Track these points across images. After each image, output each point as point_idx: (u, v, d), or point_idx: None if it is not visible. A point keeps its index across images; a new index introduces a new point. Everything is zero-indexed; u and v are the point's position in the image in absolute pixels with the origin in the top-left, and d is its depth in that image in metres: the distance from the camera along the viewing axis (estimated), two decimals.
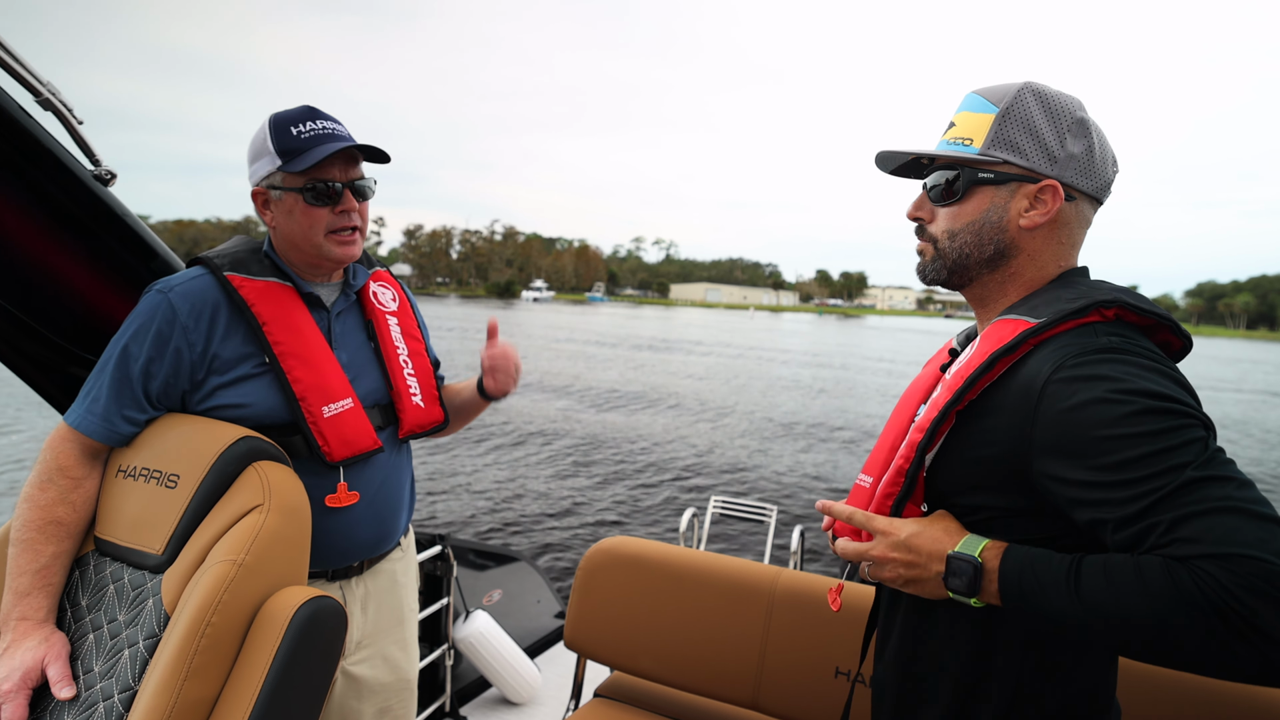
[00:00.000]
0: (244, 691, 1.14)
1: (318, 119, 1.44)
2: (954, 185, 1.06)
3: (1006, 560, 0.91)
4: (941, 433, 1.01)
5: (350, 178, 1.47)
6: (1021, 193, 1.02)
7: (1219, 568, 0.75)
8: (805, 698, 1.95)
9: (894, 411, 1.24)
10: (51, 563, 1.28)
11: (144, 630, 1.22)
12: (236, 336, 1.42)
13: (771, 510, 3.82)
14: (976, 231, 1.05)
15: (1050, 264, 1.06)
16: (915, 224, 1.14)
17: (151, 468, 1.33)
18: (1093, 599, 0.83)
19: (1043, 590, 0.87)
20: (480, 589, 3.31)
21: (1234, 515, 0.77)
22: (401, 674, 1.70)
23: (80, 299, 1.55)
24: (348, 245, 1.48)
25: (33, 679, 1.20)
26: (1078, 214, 1.05)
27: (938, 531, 0.99)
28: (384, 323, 1.64)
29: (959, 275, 1.09)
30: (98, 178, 1.46)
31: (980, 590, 0.93)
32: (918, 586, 1.01)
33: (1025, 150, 1.01)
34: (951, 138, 1.08)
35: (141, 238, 1.56)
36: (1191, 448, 0.81)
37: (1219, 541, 0.76)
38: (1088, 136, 1.02)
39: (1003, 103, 1.02)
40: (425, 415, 1.65)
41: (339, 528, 1.51)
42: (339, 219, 1.46)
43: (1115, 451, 0.83)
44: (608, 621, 2.17)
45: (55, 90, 1.38)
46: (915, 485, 1.04)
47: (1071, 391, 0.88)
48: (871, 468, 1.17)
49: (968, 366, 1.00)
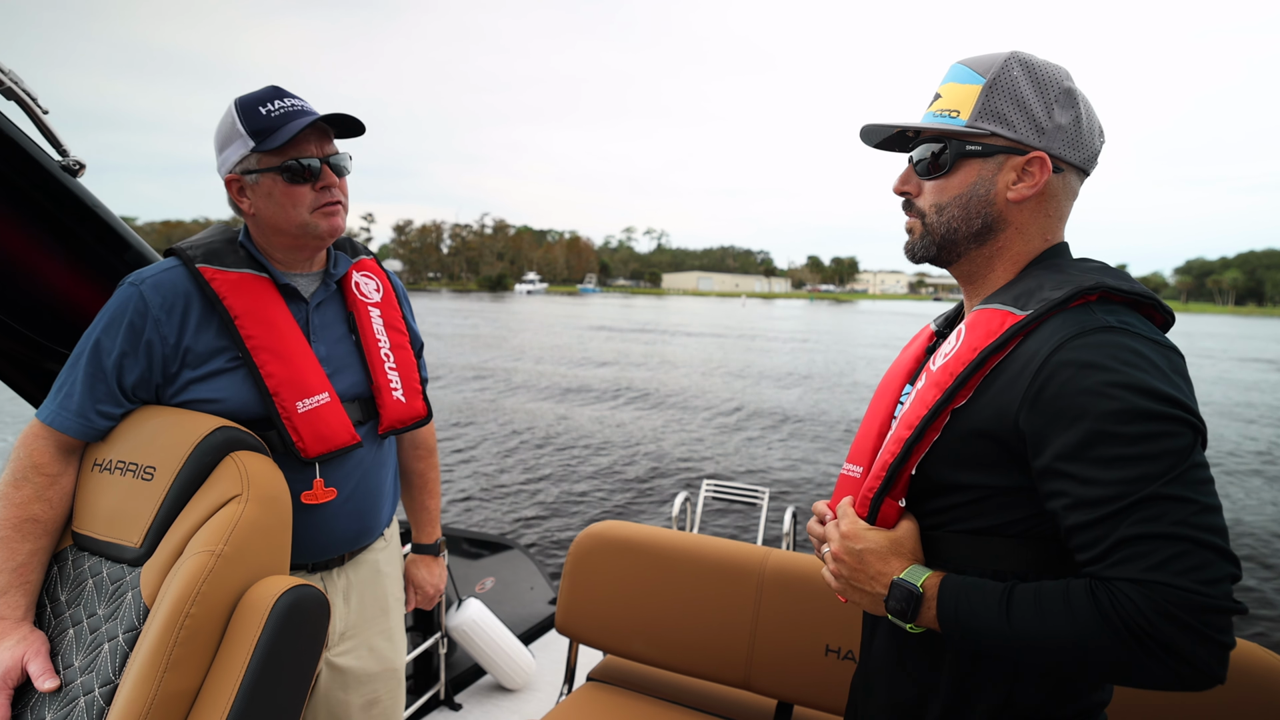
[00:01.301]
0: (225, 682, 1.14)
1: (284, 97, 1.41)
2: (940, 158, 1.04)
3: (944, 588, 0.94)
4: (932, 432, 0.99)
5: (326, 153, 1.43)
6: (1009, 165, 1.00)
7: (1139, 593, 0.79)
8: (796, 676, 1.95)
9: (874, 398, 1.22)
10: (28, 560, 1.27)
11: (124, 624, 1.21)
12: (209, 330, 1.39)
13: (764, 493, 3.83)
14: (964, 205, 1.03)
15: (1037, 237, 1.04)
16: (902, 199, 1.11)
17: (128, 460, 1.32)
18: (1022, 624, 0.86)
19: (975, 615, 0.90)
20: (473, 577, 3.31)
21: (1177, 543, 0.79)
22: (388, 664, 1.69)
23: (51, 292, 1.53)
24: (333, 216, 1.45)
25: (13, 678, 1.18)
26: (1065, 186, 1.03)
27: (889, 554, 1.01)
28: (365, 314, 1.60)
29: (947, 251, 1.07)
30: (66, 168, 1.43)
31: (918, 616, 0.96)
32: (855, 595, 1.04)
33: (1013, 121, 0.99)
34: (938, 110, 1.05)
35: (113, 229, 1.54)
36: (1167, 459, 0.82)
37: (1150, 569, 0.79)
38: (1075, 107, 1.00)
39: (989, 73, 1.00)
40: (406, 410, 1.62)
41: (316, 524, 1.49)
42: (321, 195, 1.42)
43: (1096, 445, 0.84)
44: (599, 606, 2.18)
45: (18, 79, 1.34)
46: (896, 482, 1.02)
47: (1068, 375, 0.87)
48: (858, 457, 1.16)
49: (956, 362, 0.98)
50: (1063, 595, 0.85)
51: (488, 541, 3.63)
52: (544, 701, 3.00)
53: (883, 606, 1.00)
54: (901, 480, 1.02)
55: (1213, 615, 0.78)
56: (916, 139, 1.10)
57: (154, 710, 1.09)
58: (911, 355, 1.21)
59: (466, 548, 3.49)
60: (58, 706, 1.18)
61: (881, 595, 1.00)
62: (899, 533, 1.02)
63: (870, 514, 1.04)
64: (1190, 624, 0.77)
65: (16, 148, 1.35)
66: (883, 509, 1.03)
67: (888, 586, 0.99)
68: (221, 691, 1.13)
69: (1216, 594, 0.78)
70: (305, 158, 1.39)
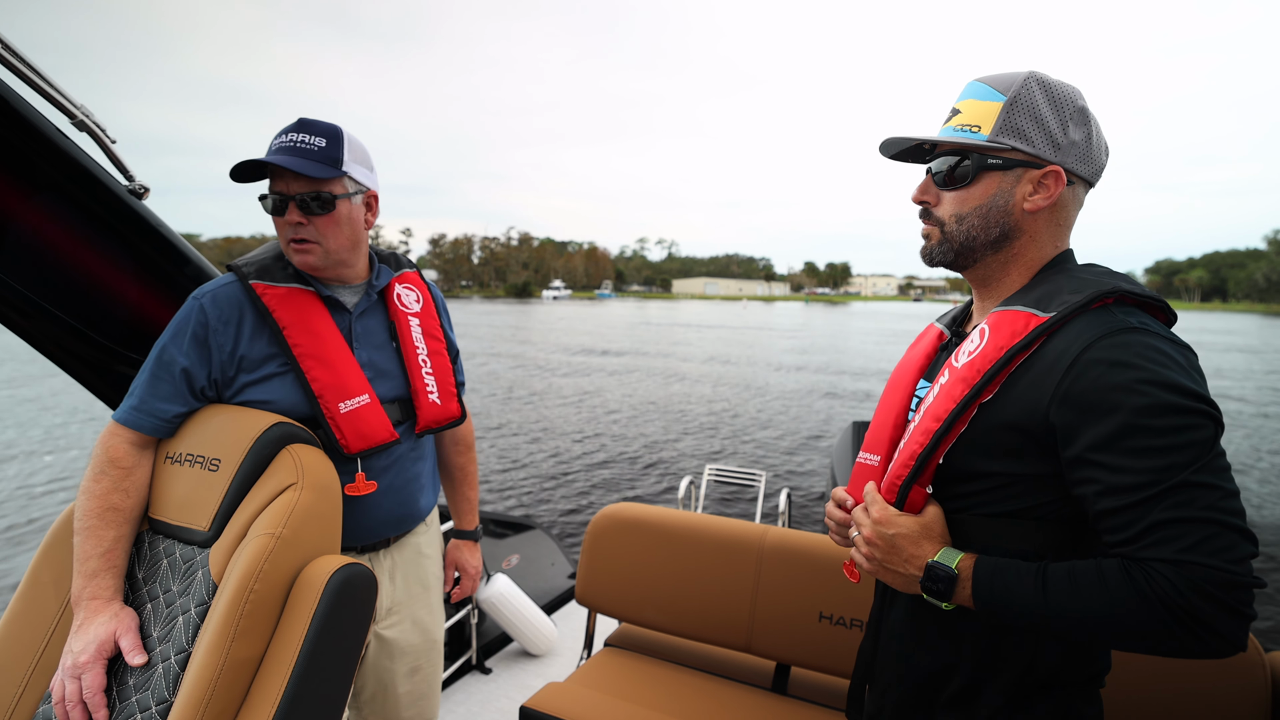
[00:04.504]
0: (286, 650, 1.16)
1: (299, 131, 1.39)
2: (960, 170, 1.02)
3: (979, 569, 0.93)
4: (960, 424, 0.97)
5: (295, 191, 1.38)
6: (1026, 178, 0.99)
7: (1175, 572, 0.79)
8: (793, 639, 1.97)
9: (886, 392, 1.20)
10: (114, 546, 1.29)
11: (195, 599, 1.23)
12: (261, 339, 1.42)
13: (761, 475, 3.83)
14: (984, 215, 1.01)
15: (1049, 244, 1.03)
16: (920, 207, 1.09)
17: (195, 453, 1.34)
18: (1059, 600, 0.86)
19: (1011, 592, 0.89)
20: (500, 554, 3.33)
21: (1207, 526, 0.79)
22: (429, 635, 1.71)
23: (121, 303, 1.55)
24: (301, 254, 1.42)
25: (107, 650, 1.20)
26: (1074, 197, 1.02)
27: (920, 538, 0.99)
28: (406, 323, 1.61)
29: (965, 257, 1.05)
30: (132, 192, 1.45)
31: (953, 595, 0.95)
32: (889, 576, 1.03)
33: (1032, 137, 0.98)
34: (958, 124, 1.03)
35: (175, 246, 1.56)
36: (1193, 449, 0.81)
37: (1184, 550, 0.79)
38: (1087, 124, 0.99)
39: (1010, 91, 0.98)
40: (442, 411, 1.63)
41: (360, 512, 1.51)
42: (290, 230, 1.41)
43: (1128, 437, 0.83)
44: (614, 579, 2.20)
45: (89, 112, 1.36)
46: (924, 470, 1.01)
47: (1099, 373, 0.86)
48: (876, 446, 1.14)
49: (983, 360, 0.96)
50: (1097, 574, 0.84)
51: (513, 522, 3.65)
52: (565, 665, 3.02)
53: (917, 586, 0.98)
54: (929, 468, 1.01)
55: (1240, 591, 0.78)
56: (933, 152, 1.07)
57: (224, 674, 1.12)
58: (921, 352, 1.19)
59: (494, 528, 3.52)
60: (140, 672, 1.20)
61: (916, 576, 0.98)
62: (928, 518, 1.00)
63: (899, 500, 1.03)
64: (1223, 599, 0.78)
65: (88, 175, 1.37)
66: (911, 495, 1.02)
67: (922, 569, 0.97)
68: (283, 658, 1.15)
69: (1242, 571, 0.78)
70: (276, 192, 1.39)
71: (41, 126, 1.28)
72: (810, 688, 2.04)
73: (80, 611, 1.23)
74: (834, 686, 2.03)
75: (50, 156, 1.32)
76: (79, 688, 1.17)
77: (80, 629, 1.22)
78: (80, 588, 1.24)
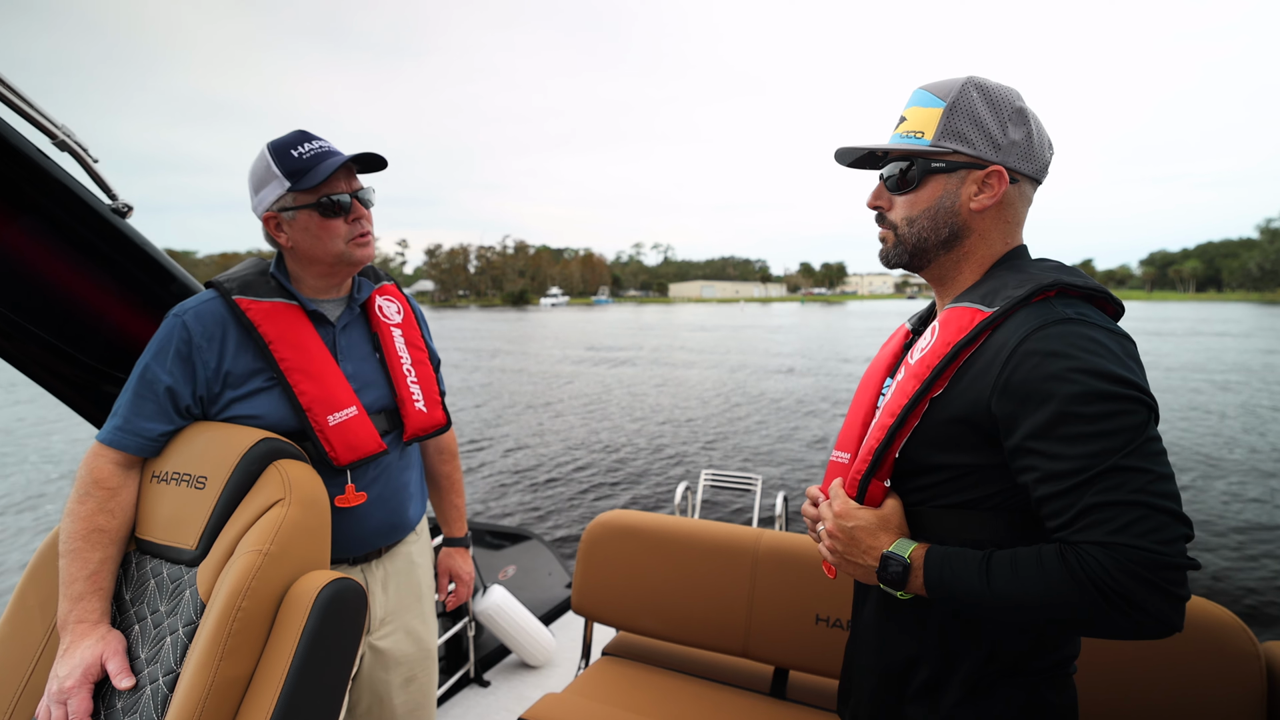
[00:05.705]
0: (276, 667, 1.15)
1: (311, 140, 1.43)
2: (909, 175, 1.06)
3: (930, 557, 0.96)
4: (913, 419, 1.01)
5: (353, 189, 1.46)
6: (970, 179, 1.02)
7: (1104, 554, 0.81)
8: (790, 643, 1.96)
9: (858, 391, 1.24)
10: (100, 568, 1.27)
11: (183, 618, 1.22)
12: (247, 354, 1.41)
13: (757, 479, 3.83)
14: (932, 216, 1.04)
15: (999, 242, 1.05)
16: (875, 212, 1.13)
17: (181, 471, 1.34)
18: (1000, 586, 0.89)
19: (958, 579, 0.92)
20: (496, 565, 3.32)
21: (1136, 508, 0.81)
22: (423, 645, 1.71)
23: (106, 321, 1.54)
24: (365, 247, 1.49)
25: (93, 674, 1.19)
26: (1020, 195, 1.05)
27: (878, 529, 1.03)
28: (388, 334, 1.62)
29: (919, 258, 1.08)
30: (115, 210, 1.45)
31: (907, 584, 0.98)
32: (849, 567, 1.06)
33: (972, 140, 1.01)
34: (904, 131, 1.07)
35: (159, 264, 1.55)
36: (1124, 434, 0.83)
37: (1113, 532, 0.82)
38: (1026, 124, 1.02)
39: (949, 97, 1.02)
40: (427, 419, 1.64)
41: (351, 523, 1.51)
42: (354, 227, 1.46)
43: (1061, 425, 0.86)
44: (610, 587, 2.19)
45: (70, 132, 1.35)
46: (881, 464, 1.04)
47: (1035, 363, 0.88)
48: (845, 444, 1.17)
49: (932, 355, 0.99)
50: (1036, 559, 0.87)
51: (508, 533, 3.64)
52: (564, 676, 3.01)
53: (874, 577, 1.02)
54: (886, 463, 1.04)
55: (1170, 571, 0.80)
56: (885, 158, 1.11)
57: (212, 694, 1.11)
58: (890, 351, 1.22)
59: (489, 539, 3.50)
60: (128, 695, 1.19)
61: (873, 567, 1.02)
62: (886, 510, 1.04)
63: (859, 494, 1.06)
64: (1151, 580, 0.80)
65: (71, 195, 1.36)
66: (870, 489, 1.05)
67: (879, 559, 1.01)
68: (272, 676, 1.14)
69: (1172, 552, 0.80)
70: (336, 194, 1.42)
71: (22, 148, 1.28)
72: (809, 691, 2.03)
73: (66, 635, 1.22)
74: (832, 689, 2.03)
75: (32, 177, 1.31)
76: (65, 713, 1.16)
77: (66, 653, 1.20)
78: (66, 611, 1.23)
